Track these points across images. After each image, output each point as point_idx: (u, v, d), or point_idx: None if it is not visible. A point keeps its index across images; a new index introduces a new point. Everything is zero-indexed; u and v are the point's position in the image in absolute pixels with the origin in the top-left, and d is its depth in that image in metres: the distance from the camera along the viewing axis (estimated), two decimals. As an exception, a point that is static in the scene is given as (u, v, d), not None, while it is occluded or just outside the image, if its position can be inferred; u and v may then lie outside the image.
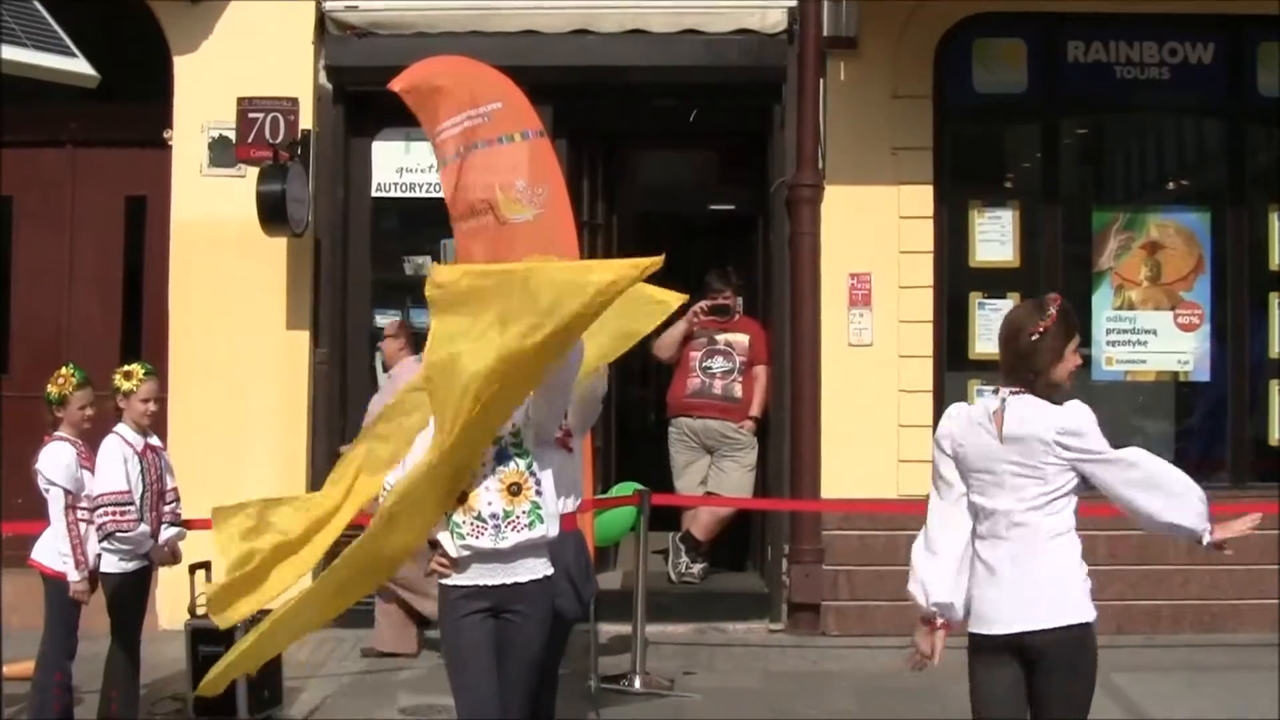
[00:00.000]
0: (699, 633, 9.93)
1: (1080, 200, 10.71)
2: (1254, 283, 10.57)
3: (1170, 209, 10.75)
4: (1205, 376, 10.53)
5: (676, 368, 10.72)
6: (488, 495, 5.38)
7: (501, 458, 5.40)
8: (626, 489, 8.71)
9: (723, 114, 10.96)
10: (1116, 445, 4.87)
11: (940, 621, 4.96)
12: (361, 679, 8.78)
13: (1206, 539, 4.71)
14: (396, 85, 7.87)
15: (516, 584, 5.44)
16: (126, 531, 6.95)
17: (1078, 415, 4.84)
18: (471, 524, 5.38)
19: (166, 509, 7.28)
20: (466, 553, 5.38)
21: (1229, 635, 9.76)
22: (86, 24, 8.88)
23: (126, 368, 7.19)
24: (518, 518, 5.38)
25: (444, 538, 5.44)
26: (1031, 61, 10.46)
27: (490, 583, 5.43)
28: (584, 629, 8.11)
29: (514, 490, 5.37)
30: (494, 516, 5.37)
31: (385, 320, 10.10)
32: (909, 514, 9.63)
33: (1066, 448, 4.79)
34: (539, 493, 5.42)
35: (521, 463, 5.41)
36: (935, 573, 4.96)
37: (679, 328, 10.52)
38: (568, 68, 10.00)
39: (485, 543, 5.36)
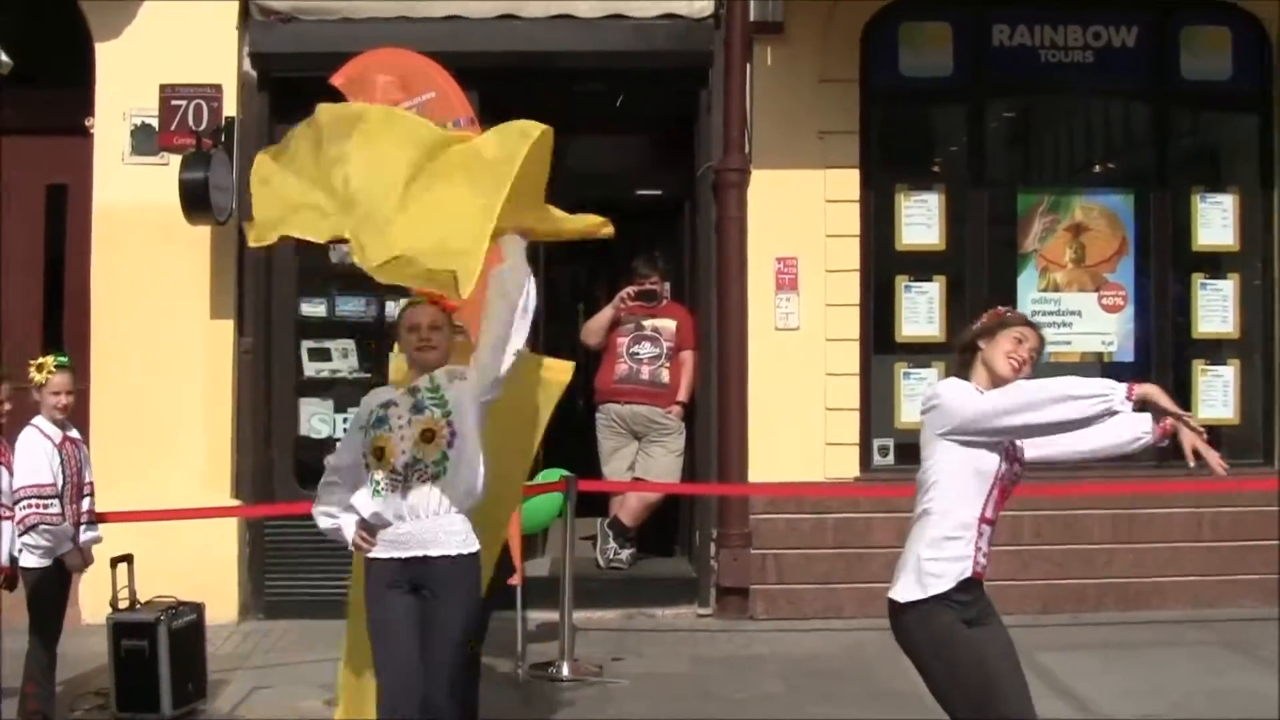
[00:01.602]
0: (627, 618, 9.95)
1: (1006, 183, 10.78)
2: (1177, 264, 10.72)
3: (1095, 191, 10.86)
4: (1129, 357, 10.64)
5: (604, 354, 10.70)
6: (402, 445, 5.41)
7: (418, 409, 5.43)
8: (553, 476, 8.67)
9: (650, 99, 10.93)
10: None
11: None
12: (290, 669, 8.68)
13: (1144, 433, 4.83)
14: (337, 80, 7.83)
15: (429, 558, 5.42)
16: (51, 525, 6.89)
17: (939, 385, 5.10)
18: (388, 479, 5.41)
19: (84, 503, 7.22)
20: (384, 513, 5.41)
21: (1152, 612, 9.89)
22: (6, 10, 8.80)
23: (39, 360, 7.11)
24: (426, 466, 5.39)
25: (361, 500, 5.48)
26: (957, 45, 10.52)
27: (403, 556, 5.44)
28: (512, 616, 8.19)
29: (427, 437, 5.39)
30: (406, 466, 5.40)
31: (311, 309, 10.15)
32: (836, 497, 9.91)
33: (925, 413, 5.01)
34: (451, 444, 5.40)
35: (437, 411, 5.42)
36: None
37: (606, 313, 10.53)
38: (494, 53, 9.94)
39: (395, 498, 5.39)
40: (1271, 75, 10.67)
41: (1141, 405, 4.68)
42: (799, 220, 10.08)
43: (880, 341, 10.38)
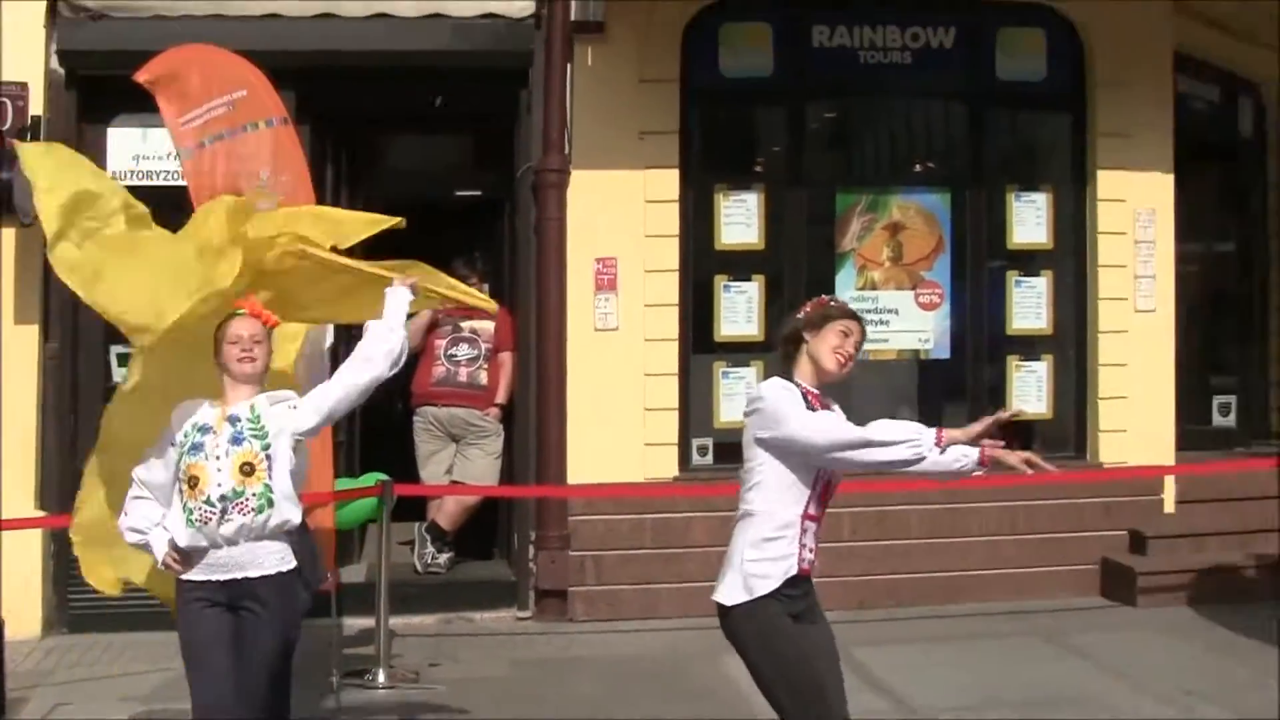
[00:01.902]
0: (445, 623, 10.06)
1: (824, 183, 11.05)
2: (992, 261, 11.11)
3: (912, 191, 11.19)
4: (945, 354, 11.03)
5: (421, 356, 10.77)
6: (218, 477, 5.41)
7: (236, 440, 5.43)
8: (369, 480, 8.76)
9: (470, 99, 11.01)
10: (860, 423, 5.08)
11: None
12: (95, 685, 8.60)
13: (966, 459, 4.89)
14: (141, 76, 7.77)
15: (248, 579, 5.46)
16: None
17: (762, 387, 5.19)
18: (200, 509, 5.41)
19: None
20: (198, 542, 5.42)
21: (971, 605, 10.24)
22: None
23: None
24: (246, 499, 5.41)
25: (174, 523, 5.47)
26: (777, 46, 10.76)
27: (221, 578, 5.47)
28: (327, 623, 8.14)
29: (245, 470, 5.41)
30: (223, 499, 5.40)
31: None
32: (655, 497, 10.10)
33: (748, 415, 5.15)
34: (270, 474, 5.44)
35: (257, 444, 5.44)
36: None
37: (424, 315, 10.58)
38: (312, 52, 10.02)
39: (211, 528, 5.40)
40: (1084, 76, 11.13)
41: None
42: (618, 221, 10.26)
43: (699, 341, 10.58)
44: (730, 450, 10.54)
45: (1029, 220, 11.10)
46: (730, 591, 5.06)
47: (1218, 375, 13.67)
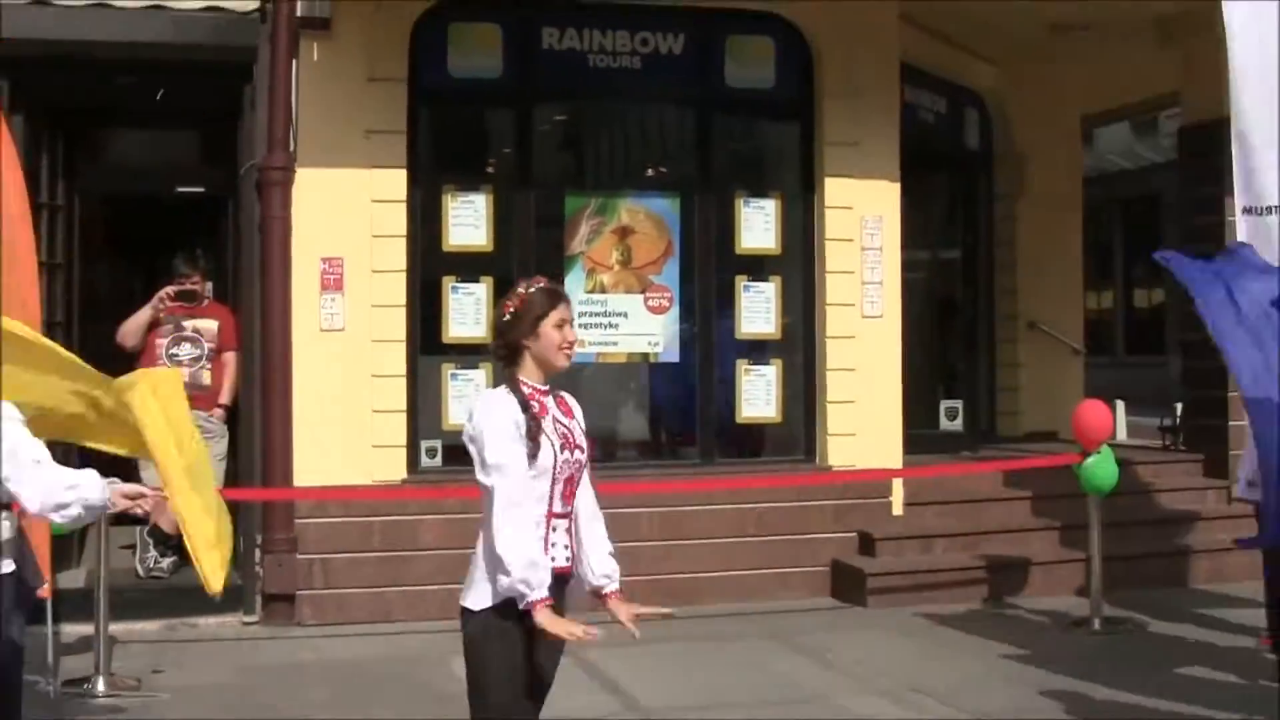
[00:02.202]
0: (169, 629, 9.95)
1: (554, 185, 11.37)
2: (721, 266, 11.48)
3: (641, 195, 11.56)
4: (674, 357, 11.40)
5: (141, 355, 10.74)
6: None
7: None
8: (87, 480, 8.71)
9: (193, 93, 11.06)
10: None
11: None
12: None
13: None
14: None
15: None
16: None
17: (479, 402, 5.13)
18: None
19: None
20: None
21: (703, 607, 10.45)
22: None
23: None
24: None
25: None
26: (507, 47, 11.02)
27: None
28: (43, 631, 7.96)
29: None
30: None
31: None
32: (382, 500, 10.20)
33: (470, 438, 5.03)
34: None
35: None
36: None
37: (144, 314, 10.56)
38: (26, 40, 9.85)
39: None
40: (813, 84, 11.60)
41: None
42: (345, 220, 10.35)
43: (427, 343, 10.75)
44: (459, 452, 10.75)
45: (757, 226, 11.52)
46: (474, 596, 4.97)
47: (945, 380, 14.42)
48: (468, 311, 10.82)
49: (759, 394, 11.51)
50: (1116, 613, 10.16)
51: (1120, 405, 16.02)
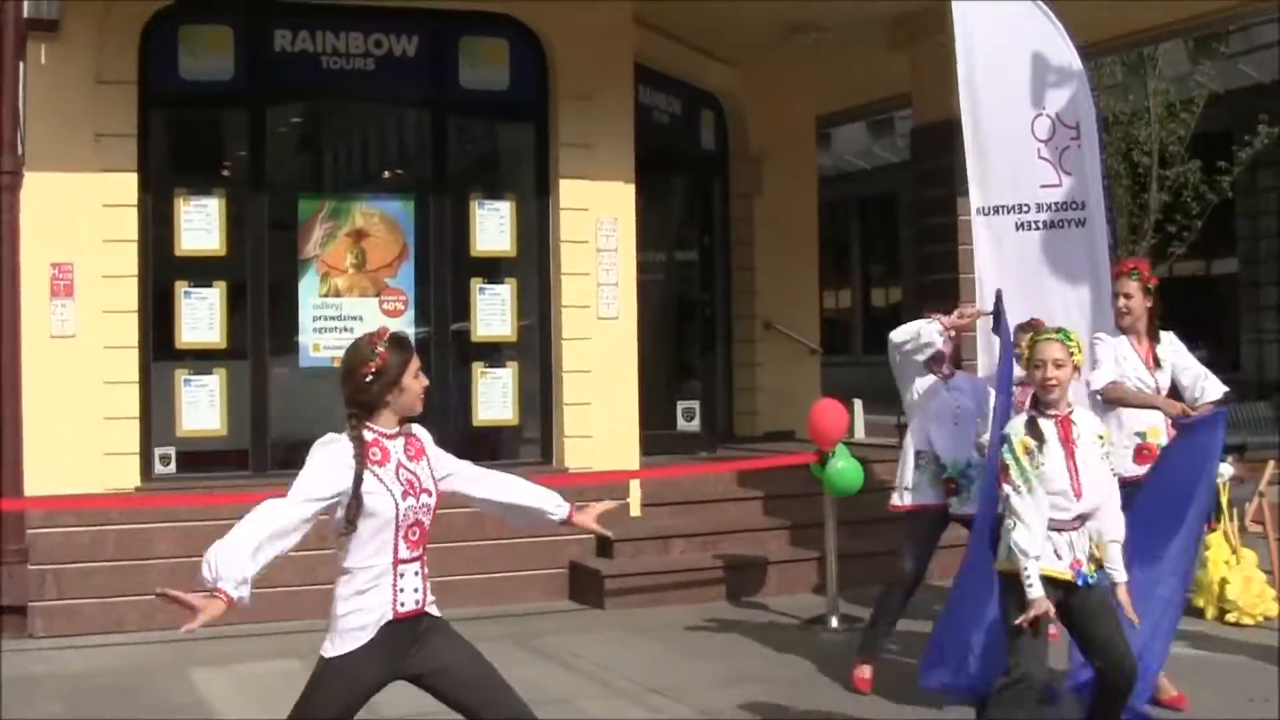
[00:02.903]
0: (-103, 644, 10.01)
1: (287, 188, 11.98)
2: (456, 269, 12.20)
3: (375, 197, 12.27)
4: (411, 360, 12.05)
5: None
6: None
7: None
8: None
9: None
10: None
11: None
12: None
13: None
14: None
15: None
16: None
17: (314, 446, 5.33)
18: None
19: None
20: None
21: (448, 611, 10.79)
22: None
23: None
24: None
25: None
26: (239, 49, 11.61)
27: None
28: None
29: None
30: None
31: None
32: (116, 508, 10.60)
33: None
34: None
35: None
36: None
37: None
38: None
39: None
40: (547, 86, 12.39)
41: None
42: (75, 225, 10.79)
43: (160, 348, 11.26)
44: (194, 459, 11.39)
45: (492, 228, 12.27)
46: (329, 644, 5.22)
47: (682, 381, 15.26)
48: (201, 316, 11.33)
49: (495, 396, 12.21)
50: (853, 610, 10.55)
51: (858, 404, 17.05)
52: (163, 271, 11.34)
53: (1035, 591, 6.32)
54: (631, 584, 11.48)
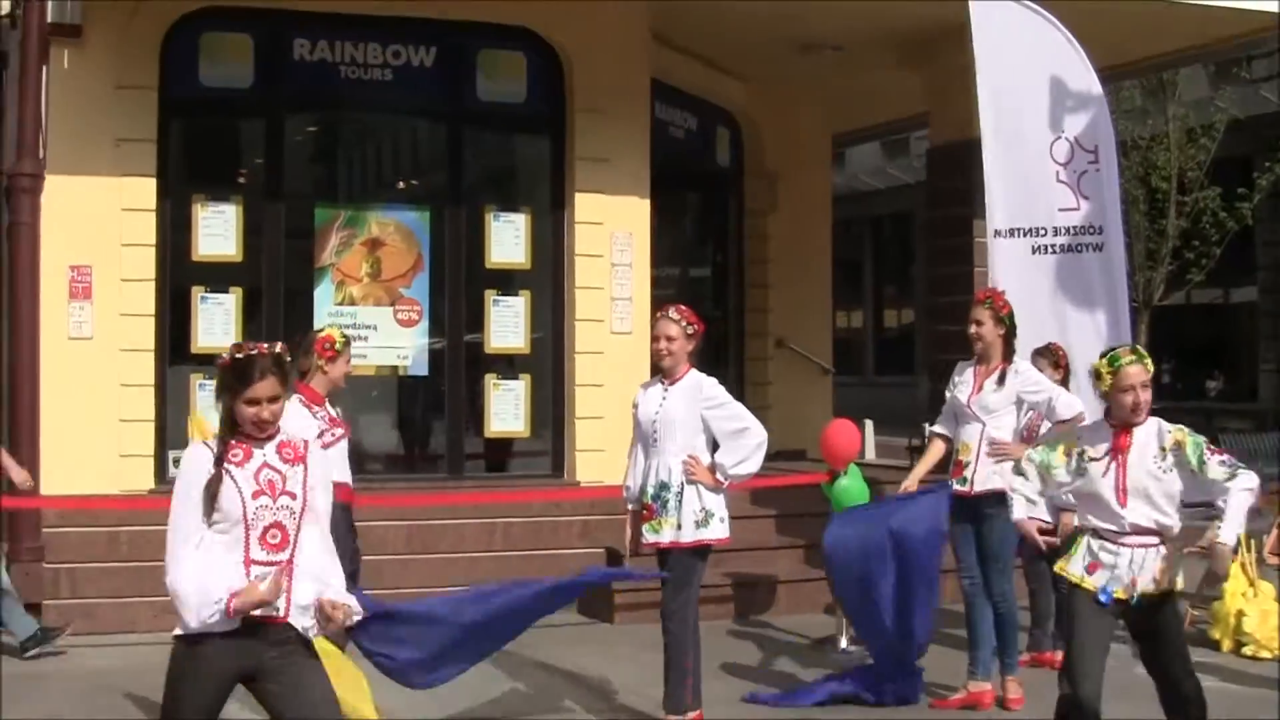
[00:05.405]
0: (-92, 639, 10.12)
1: (304, 196, 12.28)
2: (471, 280, 12.47)
3: (391, 207, 12.57)
4: (423, 371, 12.38)
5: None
6: None
7: None
8: None
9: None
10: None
11: None
12: None
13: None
14: None
15: None
16: None
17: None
18: None
19: None
20: None
21: None
22: None
23: None
24: None
25: None
26: (259, 57, 11.93)
27: None
28: None
29: None
30: None
31: None
32: (131, 510, 10.78)
33: None
34: None
35: None
36: None
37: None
38: None
39: None
40: (565, 100, 12.68)
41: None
42: (94, 228, 11.10)
43: (175, 352, 11.55)
44: (209, 463, 11.62)
45: (507, 240, 12.56)
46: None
47: (694, 398, 15.43)
48: (216, 321, 11.63)
49: (508, 408, 12.48)
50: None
51: (869, 425, 17.30)
52: (179, 276, 11.63)
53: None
54: (641, 599, 11.37)
